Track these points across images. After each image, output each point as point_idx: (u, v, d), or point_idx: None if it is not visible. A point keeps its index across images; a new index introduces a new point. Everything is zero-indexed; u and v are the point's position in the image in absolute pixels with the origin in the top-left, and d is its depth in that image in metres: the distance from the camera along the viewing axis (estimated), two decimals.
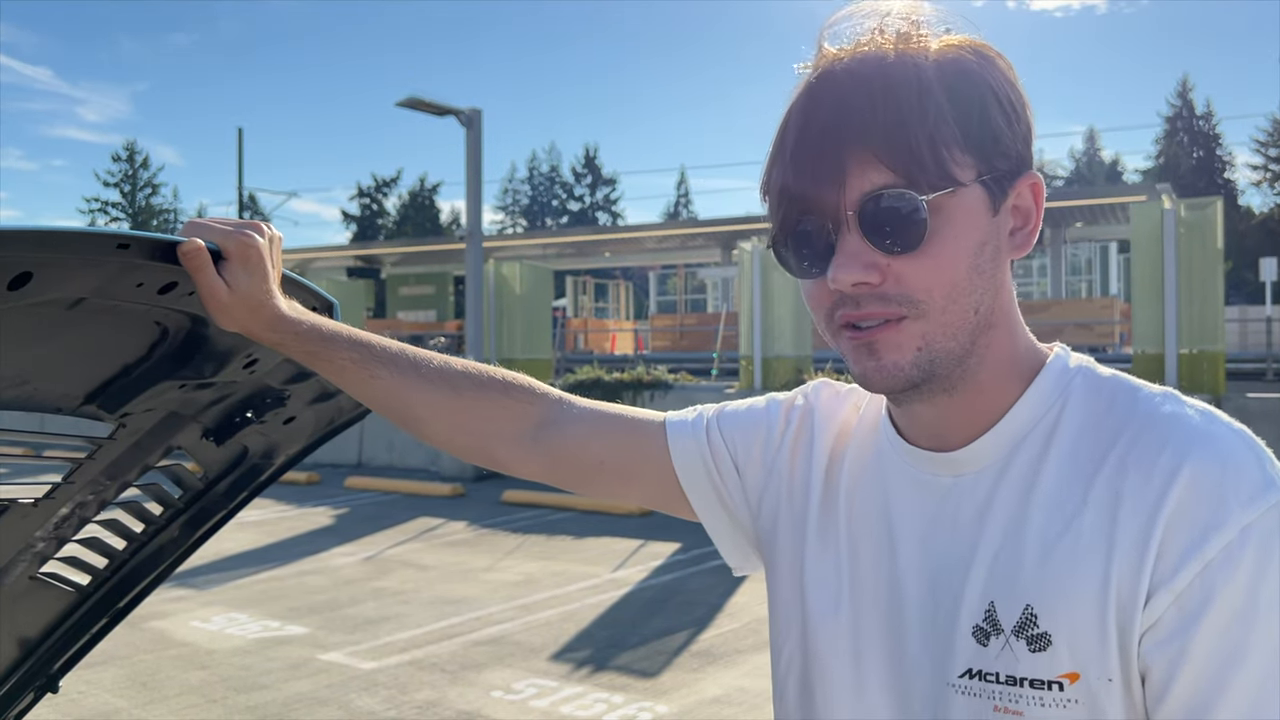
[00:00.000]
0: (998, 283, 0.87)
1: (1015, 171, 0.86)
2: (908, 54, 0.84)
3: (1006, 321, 0.90)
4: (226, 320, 1.05)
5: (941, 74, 0.83)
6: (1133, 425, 0.84)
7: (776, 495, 1.06)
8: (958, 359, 0.86)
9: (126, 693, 5.57)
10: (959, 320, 0.85)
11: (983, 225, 0.85)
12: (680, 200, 72.57)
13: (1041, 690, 0.82)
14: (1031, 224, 0.89)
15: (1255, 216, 53.94)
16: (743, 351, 14.19)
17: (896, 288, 0.83)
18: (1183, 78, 63.93)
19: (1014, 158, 0.86)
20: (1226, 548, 0.77)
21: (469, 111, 14.79)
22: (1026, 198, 0.88)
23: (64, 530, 1.40)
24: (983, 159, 0.84)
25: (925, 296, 0.83)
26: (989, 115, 0.84)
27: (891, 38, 0.85)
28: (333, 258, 30.47)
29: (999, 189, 0.85)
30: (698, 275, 29.75)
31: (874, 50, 0.85)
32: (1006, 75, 0.87)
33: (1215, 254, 11.24)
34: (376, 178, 63.93)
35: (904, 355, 0.85)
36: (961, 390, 0.89)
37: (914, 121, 0.81)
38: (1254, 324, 20.87)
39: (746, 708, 5.26)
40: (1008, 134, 0.85)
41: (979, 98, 0.84)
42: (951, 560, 0.89)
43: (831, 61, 0.86)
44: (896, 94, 0.81)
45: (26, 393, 1.14)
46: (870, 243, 0.82)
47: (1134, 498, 0.81)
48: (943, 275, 0.83)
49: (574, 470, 1.15)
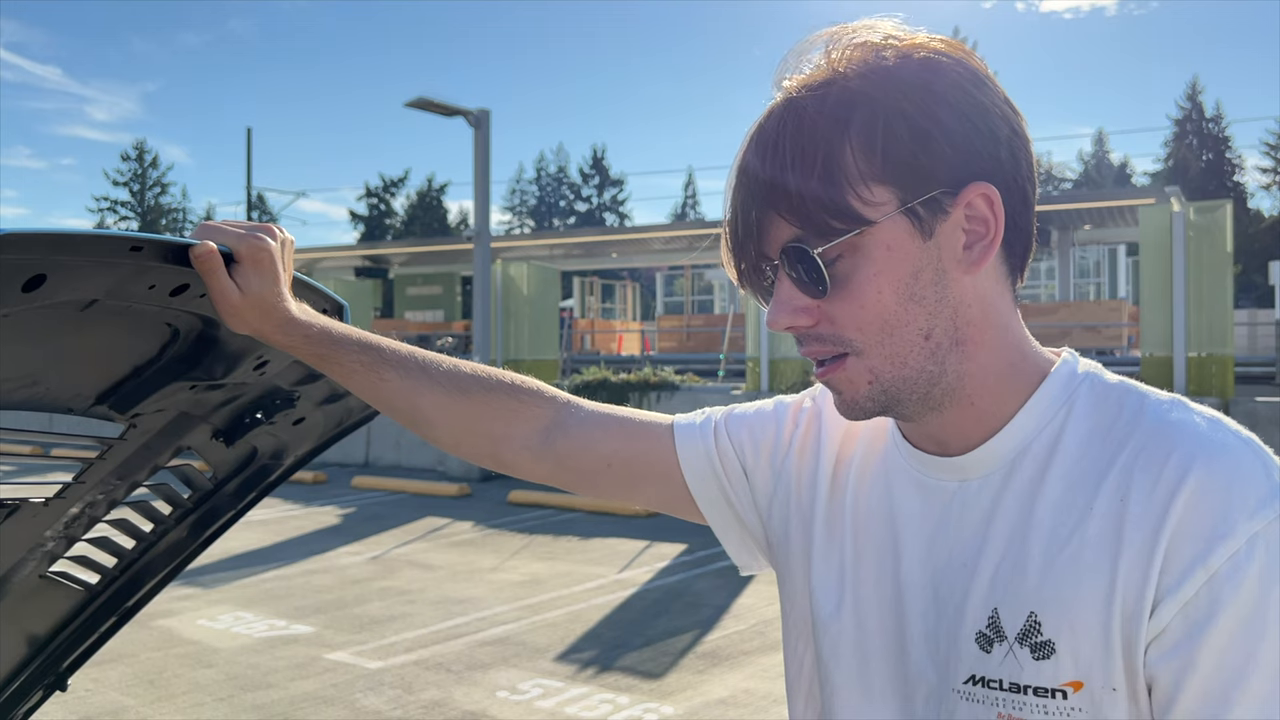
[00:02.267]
0: (953, 302, 0.86)
1: (955, 186, 0.84)
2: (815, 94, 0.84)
3: (987, 334, 0.88)
4: (238, 323, 1.06)
5: (844, 111, 0.83)
6: (1139, 433, 0.84)
7: (786, 498, 1.06)
8: (924, 383, 0.87)
9: (134, 691, 5.59)
10: (904, 350, 0.86)
11: (911, 254, 0.84)
12: (688, 201, 72.55)
13: (1045, 698, 0.82)
14: (990, 234, 0.85)
15: (1265, 220, 53.74)
16: (749, 353, 14.18)
17: (830, 328, 0.87)
18: (1192, 80, 63.80)
19: (945, 175, 0.83)
20: (1233, 557, 0.76)
21: (477, 112, 14.80)
22: (980, 208, 0.85)
23: (74, 529, 1.41)
24: (903, 188, 0.83)
25: (856, 334, 0.86)
26: (898, 143, 0.82)
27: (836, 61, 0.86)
28: (340, 257, 30.51)
29: (929, 212, 0.83)
30: (705, 276, 29.69)
31: (786, 97, 0.87)
32: (943, 89, 0.84)
33: (1224, 257, 11.21)
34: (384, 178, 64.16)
35: (858, 390, 0.88)
36: (950, 405, 0.89)
37: (804, 176, 0.83)
38: (1263, 327, 20.80)
39: (752, 709, 5.26)
40: (932, 153, 0.82)
41: (886, 126, 0.82)
42: (955, 565, 0.89)
43: (765, 115, 0.88)
44: (787, 150, 0.84)
45: (39, 393, 1.15)
46: (797, 288, 0.87)
47: (1140, 506, 0.80)
48: (868, 313, 0.85)
49: (581, 473, 1.15)
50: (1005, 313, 0.90)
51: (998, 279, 0.89)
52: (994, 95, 0.86)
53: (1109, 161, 65.10)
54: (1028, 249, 0.90)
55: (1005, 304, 0.90)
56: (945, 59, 0.85)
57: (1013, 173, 0.86)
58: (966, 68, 0.85)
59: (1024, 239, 0.89)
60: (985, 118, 0.84)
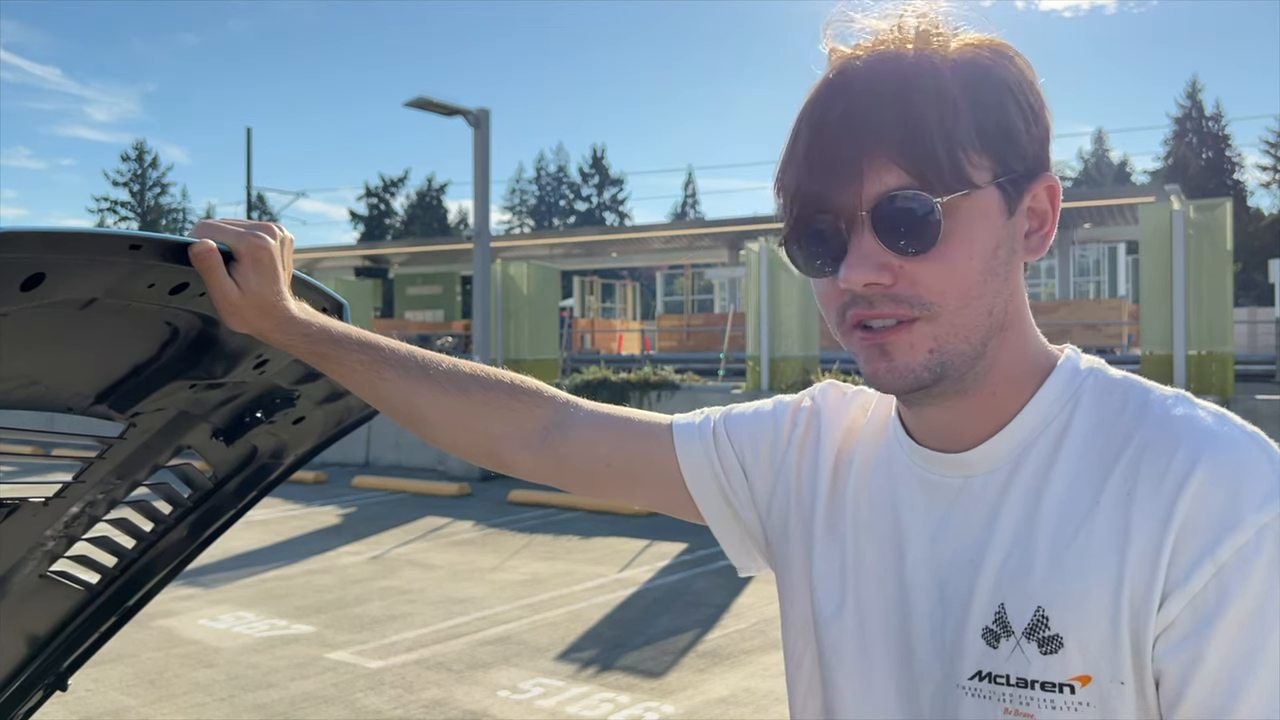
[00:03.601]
0: (1012, 285, 0.87)
1: (1032, 174, 0.86)
2: (925, 53, 0.83)
3: (1019, 324, 0.90)
4: (237, 321, 1.06)
5: (959, 73, 0.83)
6: (1145, 427, 0.84)
7: (785, 497, 1.06)
8: (970, 361, 0.86)
9: (134, 691, 5.59)
10: (972, 323, 0.85)
11: (998, 228, 0.85)
12: (687, 200, 72.59)
13: (1053, 693, 0.82)
14: (1047, 227, 0.89)
15: (1265, 218, 53.71)
16: (750, 352, 14.18)
17: (909, 289, 0.83)
18: (1192, 78, 63.78)
19: (1030, 159, 0.86)
20: (1241, 550, 0.76)
21: (477, 112, 14.80)
22: (1042, 200, 0.88)
23: (74, 529, 1.41)
24: (999, 161, 0.83)
25: (938, 299, 0.83)
26: (1007, 116, 0.84)
27: (909, 36, 0.85)
28: (340, 257, 30.53)
29: (1015, 191, 0.85)
30: (705, 275, 29.68)
31: (890, 49, 0.84)
32: (1025, 75, 0.86)
33: (1224, 255, 11.20)
34: (384, 178, 64.18)
35: (916, 357, 0.85)
36: (974, 392, 0.89)
37: (930, 122, 0.80)
38: (1263, 325, 20.80)
39: (753, 708, 5.26)
40: (1024, 135, 0.85)
41: (997, 98, 0.83)
42: (961, 561, 0.89)
43: (847, 60, 0.85)
44: (913, 94, 0.81)
45: (38, 392, 1.15)
46: (883, 243, 0.82)
47: (1147, 500, 0.80)
48: (956, 278, 0.83)
49: (580, 473, 1.15)
50: (1027, 305, 0.91)
51: (1022, 274, 0.91)
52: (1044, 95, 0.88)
53: (1109, 160, 65.12)
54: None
55: (1026, 296, 0.92)
56: (1011, 52, 0.87)
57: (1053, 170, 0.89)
58: (1027, 63, 0.88)
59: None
60: (1045, 114, 0.87)
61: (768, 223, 23.08)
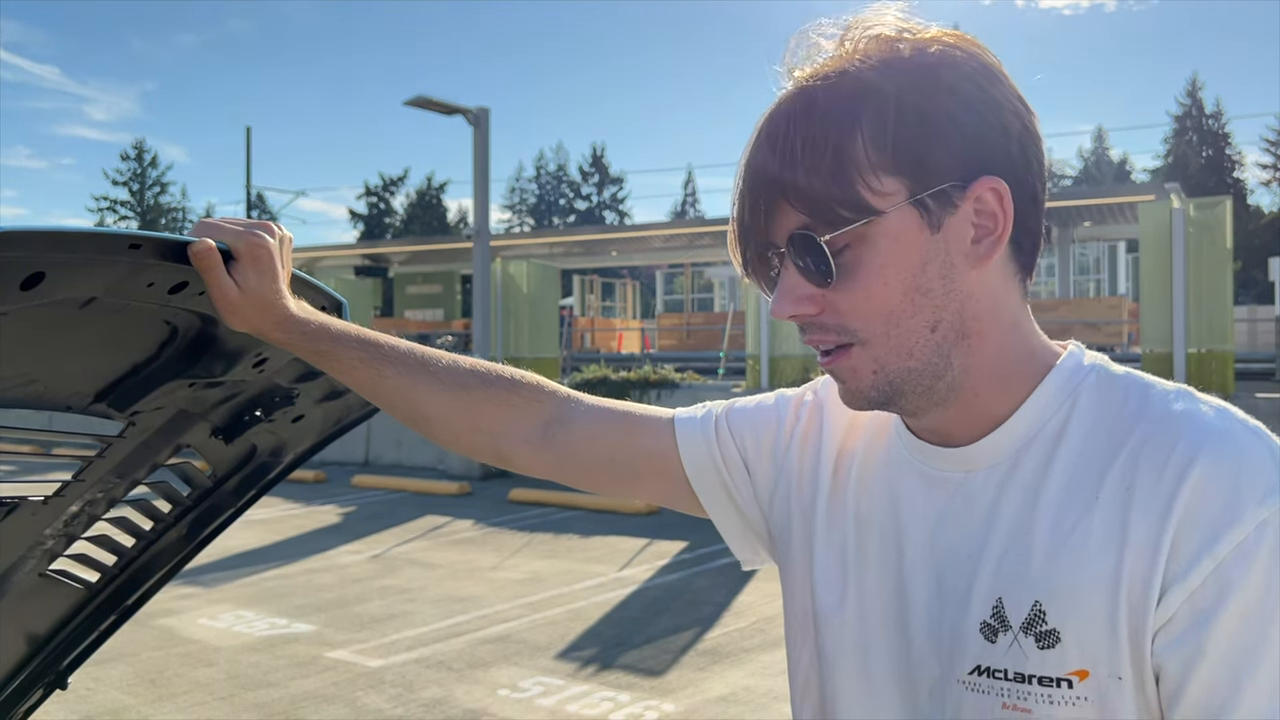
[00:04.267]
0: (961, 295, 0.86)
1: (965, 180, 0.84)
2: (827, 84, 0.85)
3: (994, 330, 0.88)
4: (236, 320, 1.06)
5: (856, 101, 0.83)
6: (1145, 422, 0.84)
7: (787, 491, 1.06)
8: (928, 376, 0.87)
9: (135, 690, 5.60)
10: (910, 341, 0.86)
11: (919, 246, 0.84)
12: (687, 199, 72.59)
13: (1050, 688, 0.82)
14: (999, 229, 0.85)
15: (1265, 216, 53.74)
16: (749, 350, 14.19)
17: (834, 318, 0.87)
18: (1192, 76, 63.83)
19: (956, 169, 0.83)
20: (1240, 545, 0.76)
21: (476, 110, 14.79)
22: (989, 202, 0.84)
23: (74, 528, 1.41)
24: (914, 179, 0.83)
25: (860, 324, 0.86)
26: (909, 135, 0.82)
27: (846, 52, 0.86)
28: (340, 256, 30.52)
29: (939, 205, 0.84)
30: (705, 274, 29.70)
31: (797, 87, 0.87)
32: (955, 81, 0.84)
33: (1224, 253, 11.20)
34: (384, 176, 64.17)
35: (861, 380, 0.88)
36: (954, 401, 0.89)
37: (814, 165, 0.83)
38: (1263, 324, 20.81)
39: (753, 706, 5.26)
40: (943, 146, 0.83)
41: (898, 118, 0.82)
42: (959, 556, 0.89)
43: (776, 104, 0.88)
44: (797, 139, 0.84)
45: (37, 391, 1.15)
46: (803, 277, 0.86)
47: (1146, 494, 0.80)
48: (874, 304, 0.85)
49: (582, 468, 1.15)
50: (1013, 308, 0.90)
51: (1006, 275, 0.89)
52: (1007, 91, 0.86)
53: (1109, 158, 65.10)
54: (1036, 246, 0.90)
55: (1013, 300, 0.90)
56: (959, 53, 0.85)
57: (1023, 169, 0.86)
58: (980, 62, 0.86)
59: (1032, 236, 0.89)
60: (997, 112, 0.85)
61: None
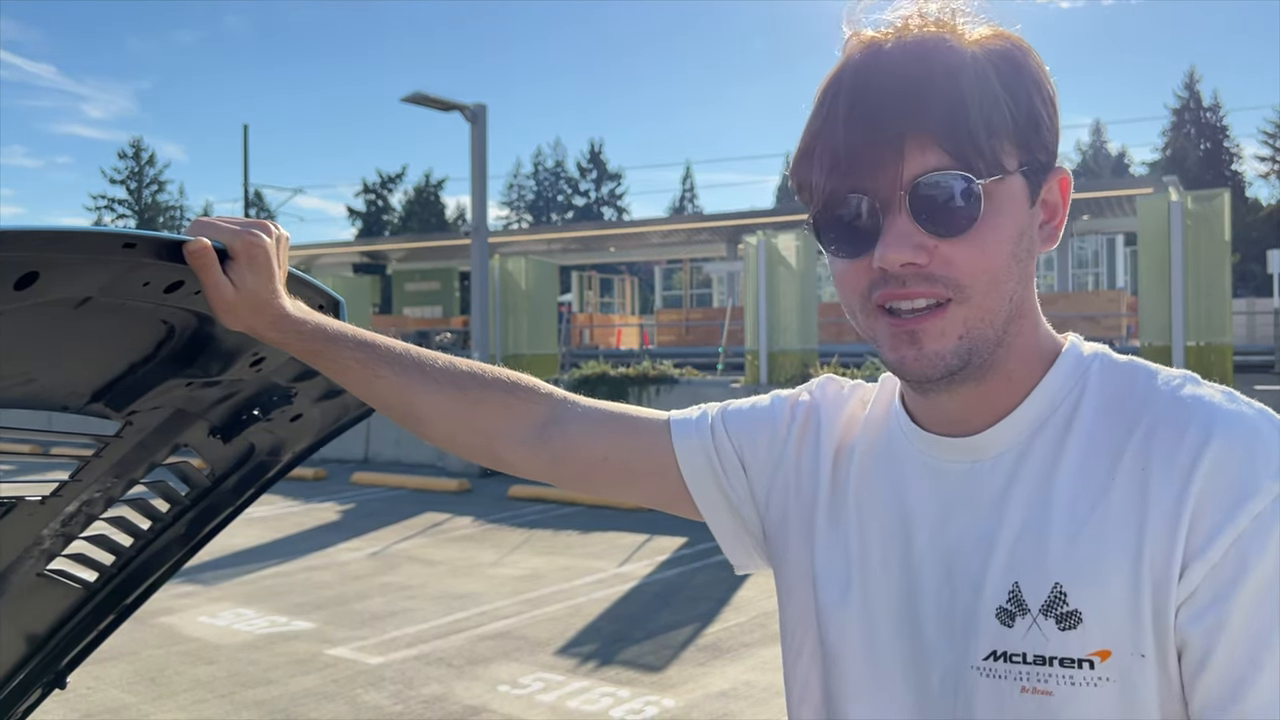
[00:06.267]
0: (1029, 273, 0.89)
1: (1050, 165, 0.88)
2: (955, 39, 0.84)
3: (1032, 311, 0.92)
4: (231, 319, 1.05)
5: (990, 60, 0.84)
6: (1155, 404, 0.86)
7: (784, 490, 1.06)
8: (992, 347, 0.87)
9: (135, 688, 5.60)
10: (997, 307, 0.86)
11: (1022, 215, 0.86)
12: (685, 195, 72.53)
13: (1071, 669, 0.82)
14: (1058, 219, 0.90)
15: (1263, 208, 53.71)
16: (748, 346, 14.18)
17: (945, 269, 0.83)
18: (1190, 69, 63.70)
19: (1049, 151, 0.87)
20: (1258, 518, 0.78)
21: (474, 107, 14.77)
22: (1055, 192, 0.90)
23: (71, 527, 1.41)
24: (1025, 149, 0.85)
25: (971, 281, 0.84)
26: (1034, 107, 0.85)
27: (931, 23, 0.86)
28: (338, 254, 30.49)
29: (1036, 180, 0.87)
30: (703, 270, 29.65)
31: (921, 34, 0.85)
32: (1042, 69, 0.88)
33: (1222, 246, 11.20)
34: (382, 174, 64.10)
35: (946, 343, 0.85)
36: (990, 378, 0.90)
37: (973, 105, 0.81)
38: (1261, 316, 20.80)
39: (753, 701, 5.27)
40: (1046, 128, 0.86)
41: (1025, 89, 0.85)
42: (969, 544, 0.89)
43: (878, 41, 0.85)
44: (956, 75, 0.82)
45: (34, 391, 1.14)
46: (920, 224, 0.82)
47: (1162, 475, 0.81)
48: (988, 261, 0.84)
49: (577, 469, 1.15)
50: (1035, 294, 0.93)
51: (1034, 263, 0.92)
52: None
53: (1106, 151, 65.09)
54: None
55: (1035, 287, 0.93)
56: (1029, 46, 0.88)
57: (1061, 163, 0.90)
58: (1041, 59, 0.89)
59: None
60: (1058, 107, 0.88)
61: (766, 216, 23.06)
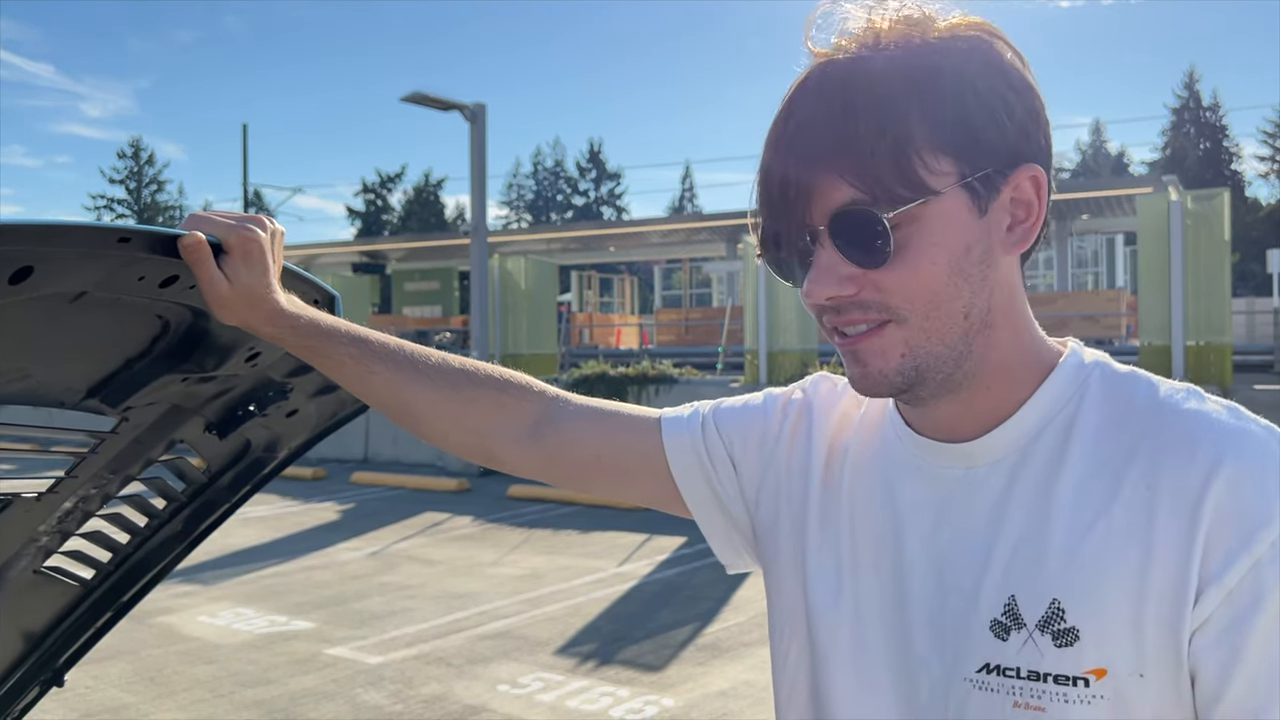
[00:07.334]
0: (992, 282, 0.86)
1: (1009, 165, 0.84)
2: (885, 54, 0.82)
3: (1009, 320, 0.88)
4: (226, 314, 1.05)
5: (917, 75, 0.81)
6: (1159, 421, 0.84)
7: (775, 489, 1.05)
8: (950, 363, 0.86)
9: (134, 687, 5.60)
10: (944, 325, 0.84)
11: (966, 228, 0.83)
12: (685, 194, 72.51)
13: (1066, 686, 0.81)
14: (1033, 217, 0.86)
15: (1263, 208, 53.74)
16: (748, 345, 14.18)
17: (875, 296, 0.84)
18: (1189, 69, 63.68)
19: (1005, 153, 0.83)
20: (1275, 544, 0.76)
21: (473, 106, 14.77)
22: (1026, 190, 0.85)
23: (67, 524, 1.40)
24: (964, 160, 0.82)
25: (903, 303, 0.83)
26: (968, 114, 0.82)
27: (882, 29, 0.84)
28: (338, 253, 30.47)
29: (986, 189, 0.83)
30: (703, 270, 29.62)
31: (847, 55, 0.84)
32: (1002, 64, 0.84)
33: (1222, 246, 11.20)
34: (381, 173, 64.06)
35: (888, 362, 0.85)
36: (965, 391, 0.88)
37: (875, 137, 0.80)
38: (1261, 315, 20.80)
39: (752, 700, 5.27)
40: (996, 128, 0.82)
41: (958, 96, 0.81)
42: (962, 553, 0.88)
43: (808, 72, 0.85)
44: (859, 109, 0.80)
45: (28, 387, 1.14)
46: (845, 256, 0.83)
47: (1172, 493, 0.80)
48: (920, 284, 0.83)
49: (570, 468, 1.14)
50: (1021, 300, 0.90)
51: (1016, 265, 0.89)
52: (1034, 78, 0.86)
53: (1106, 151, 65.07)
54: (1041, 236, 0.90)
55: (1021, 291, 0.90)
56: (996, 38, 0.85)
57: (1048, 159, 0.87)
58: (1014, 48, 0.86)
59: (1044, 226, 0.89)
60: (1033, 99, 0.85)
61: None
